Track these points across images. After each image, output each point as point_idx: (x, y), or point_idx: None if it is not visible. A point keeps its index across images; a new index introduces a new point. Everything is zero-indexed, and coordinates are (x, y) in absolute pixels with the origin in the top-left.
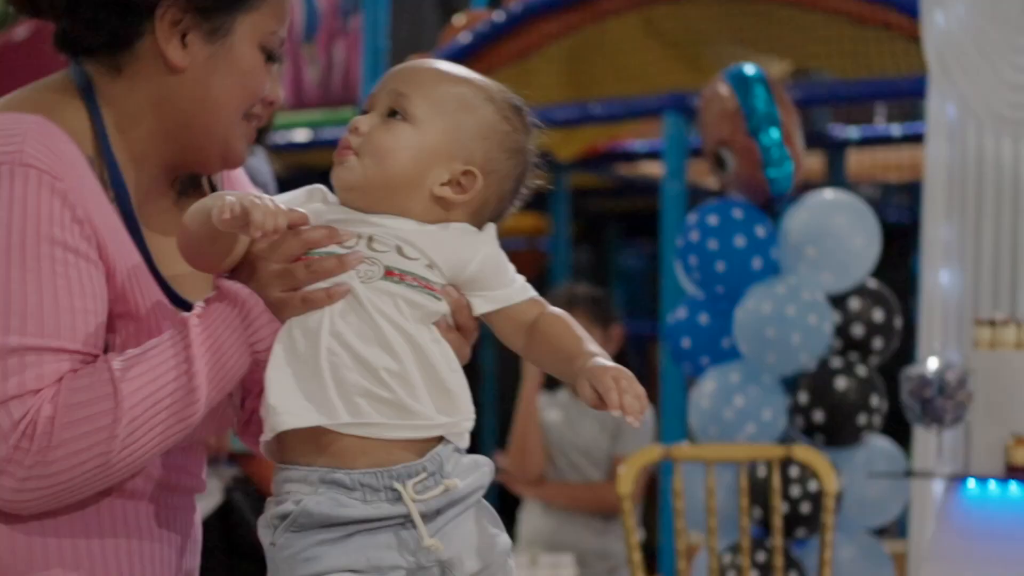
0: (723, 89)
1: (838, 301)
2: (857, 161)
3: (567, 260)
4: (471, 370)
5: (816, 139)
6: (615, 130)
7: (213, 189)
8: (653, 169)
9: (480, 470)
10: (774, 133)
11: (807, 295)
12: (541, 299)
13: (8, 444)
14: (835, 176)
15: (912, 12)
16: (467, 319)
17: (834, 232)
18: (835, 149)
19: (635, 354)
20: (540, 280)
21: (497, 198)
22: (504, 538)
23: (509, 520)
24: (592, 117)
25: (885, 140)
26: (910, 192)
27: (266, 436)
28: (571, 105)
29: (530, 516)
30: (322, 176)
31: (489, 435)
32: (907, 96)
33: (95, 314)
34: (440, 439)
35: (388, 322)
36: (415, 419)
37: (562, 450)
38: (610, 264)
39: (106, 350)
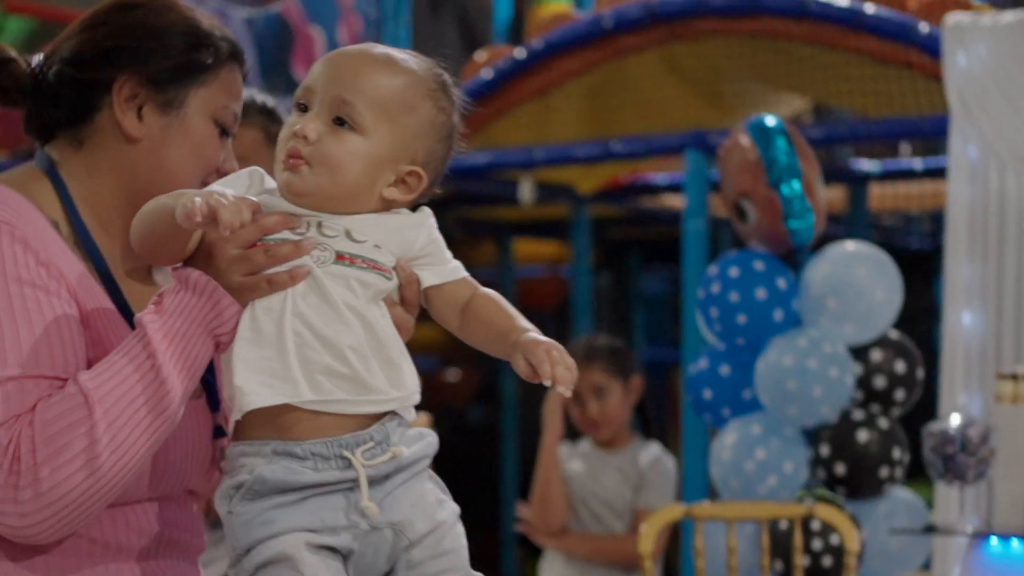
0: (744, 140)
1: (860, 352)
2: (879, 192)
3: (588, 288)
4: (493, 398)
5: (838, 173)
6: (636, 163)
7: None
8: (675, 201)
9: (425, 440)
10: (795, 185)
11: (828, 347)
12: (473, 280)
13: (2, 472)
14: (857, 209)
15: (934, 52)
16: (414, 293)
17: (856, 284)
18: (857, 183)
19: (656, 380)
20: (561, 307)
21: (431, 182)
22: (452, 504)
23: (531, 572)
24: (613, 155)
25: (907, 174)
26: (933, 220)
27: (235, 416)
28: (592, 142)
29: (552, 567)
30: None
31: (511, 485)
32: (928, 136)
33: (71, 343)
34: (387, 414)
35: (344, 302)
36: (372, 394)
37: (584, 501)
38: (631, 290)
39: None
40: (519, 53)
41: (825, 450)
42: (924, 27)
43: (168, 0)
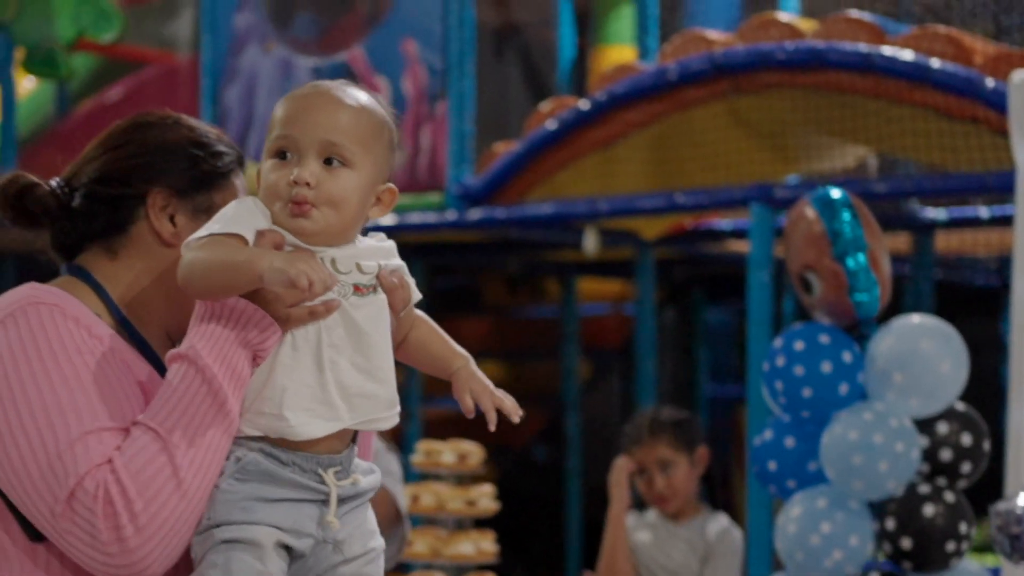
0: (809, 212)
1: (925, 425)
2: (944, 235)
3: (652, 330)
4: (557, 437)
5: (903, 221)
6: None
7: None
8: (739, 246)
9: (376, 474)
10: (861, 258)
11: (894, 421)
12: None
13: (98, 517)
14: (922, 257)
15: (1000, 107)
16: (399, 300)
17: (921, 357)
18: (923, 231)
19: (720, 417)
20: (625, 344)
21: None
22: (380, 538)
23: None
24: (677, 206)
25: (973, 222)
26: (999, 259)
27: (270, 435)
28: (656, 194)
29: None
30: (411, 253)
31: (575, 525)
32: (995, 191)
33: (134, 398)
34: (352, 437)
35: (369, 330)
36: (394, 409)
37: (651, 571)
38: (696, 325)
39: None
40: (583, 104)
41: (891, 524)
42: (990, 82)
43: (175, 116)
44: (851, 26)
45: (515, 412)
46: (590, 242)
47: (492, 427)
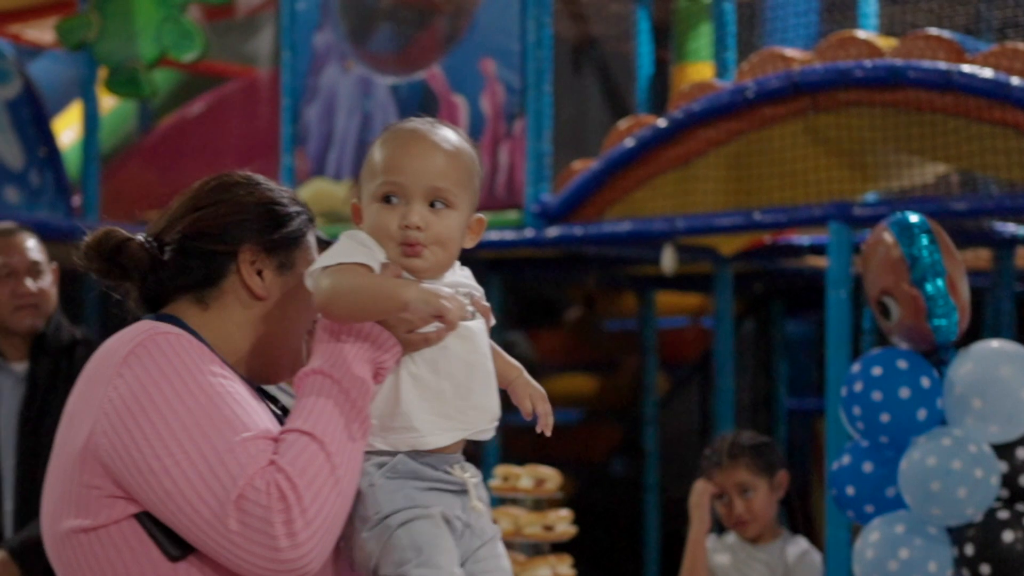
0: (887, 237)
1: (1005, 450)
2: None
3: (730, 345)
4: (635, 451)
5: (983, 238)
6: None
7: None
8: (819, 262)
9: (471, 470)
10: (939, 283)
11: (973, 448)
12: None
13: (272, 512)
14: (1003, 272)
15: None
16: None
17: (1000, 383)
18: (1003, 247)
19: (800, 429)
20: (704, 357)
21: None
22: (495, 525)
23: None
24: (755, 225)
25: None
26: None
27: (401, 449)
28: (734, 212)
29: None
30: (489, 269)
31: (653, 539)
32: None
33: (265, 410)
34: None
35: (480, 351)
36: (495, 422)
37: None
38: (775, 338)
39: None
40: (661, 122)
41: (970, 550)
42: None
43: (255, 178)
44: (930, 43)
45: (546, 427)
46: (668, 260)
47: (548, 432)
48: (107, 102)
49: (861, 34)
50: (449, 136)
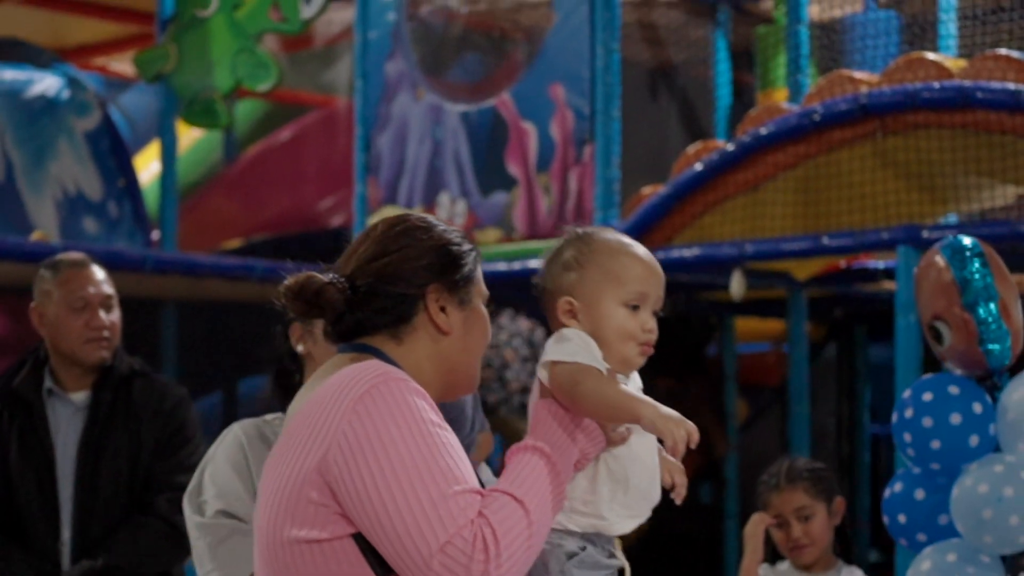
0: (939, 260)
1: None
2: None
3: (804, 372)
4: (716, 477)
5: None
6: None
7: None
8: (894, 286)
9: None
10: (992, 307)
11: None
12: None
13: (473, 562)
14: None
15: None
16: None
17: None
18: None
19: (884, 455)
20: (785, 382)
21: None
22: None
23: None
24: (824, 249)
25: None
26: None
27: (588, 531)
28: (803, 237)
29: None
30: None
31: (732, 566)
32: None
33: (468, 462)
34: None
35: (654, 443)
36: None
37: None
38: (858, 363)
39: None
40: (729, 147)
41: None
42: None
43: (429, 219)
44: (999, 64)
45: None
46: (736, 285)
47: (680, 501)
48: (193, 133)
49: (930, 56)
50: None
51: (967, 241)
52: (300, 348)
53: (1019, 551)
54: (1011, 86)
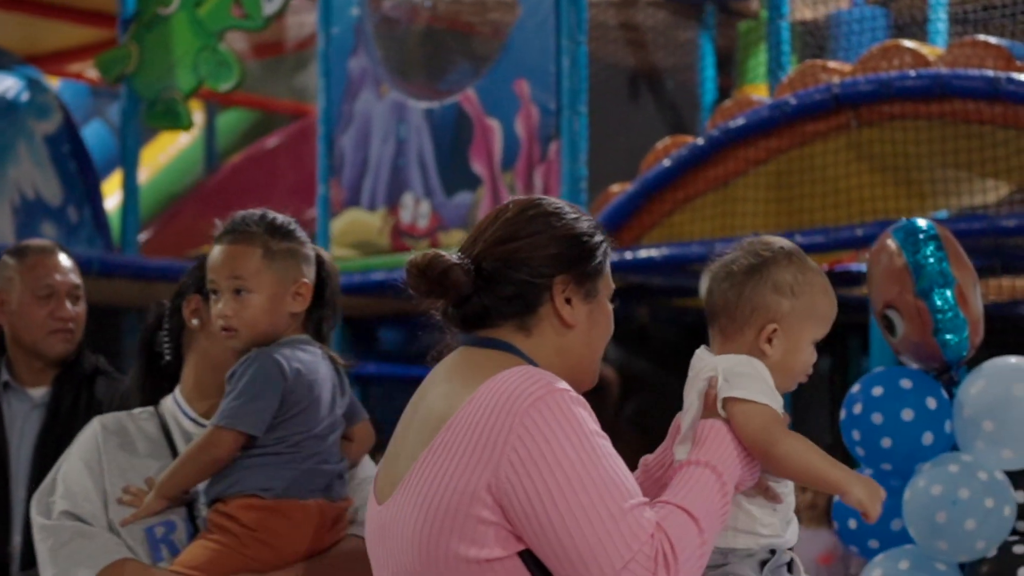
0: (890, 244)
1: (1021, 477)
2: None
3: None
4: None
5: None
6: (828, 255)
7: None
8: None
9: None
10: (947, 294)
11: (983, 475)
12: None
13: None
14: None
15: None
16: None
17: (1015, 403)
18: None
19: None
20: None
21: None
22: None
23: None
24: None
25: None
26: None
27: (766, 548)
28: (773, 234)
29: None
30: None
31: None
32: None
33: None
34: None
35: None
36: None
37: None
38: (852, 373)
39: None
40: (699, 141)
41: None
42: None
43: (565, 207)
44: (977, 50)
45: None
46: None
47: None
48: (179, 144)
49: (907, 43)
50: None
51: (922, 223)
52: (195, 322)
53: (978, 558)
54: (989, 73)
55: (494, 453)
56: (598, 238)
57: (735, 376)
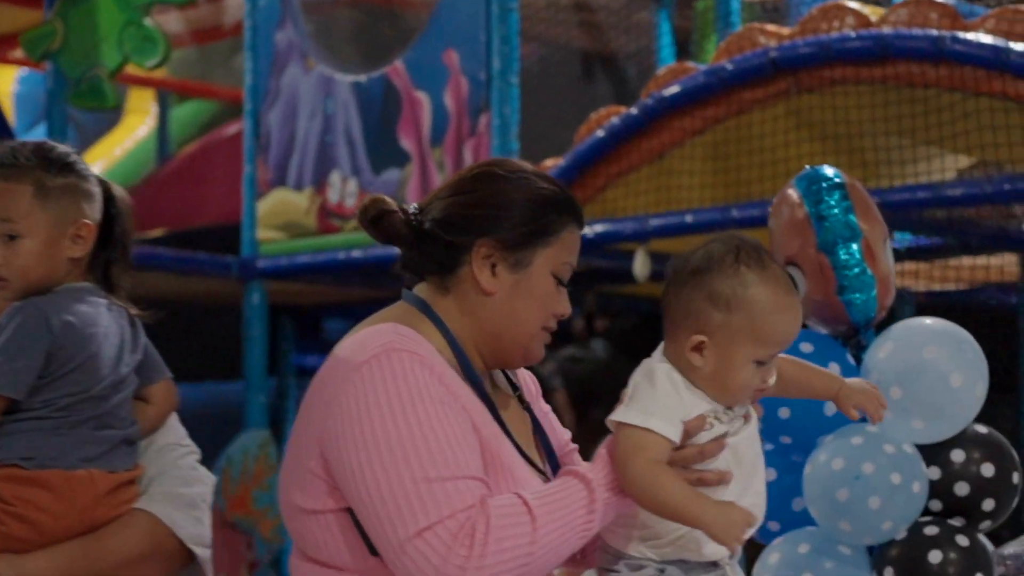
0: (792, 194)
1: (935, 452)
2: None
3: None
4: None
5: (1010, 241)
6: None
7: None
8: None
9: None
10: (853, 248)
11: (889, 448)
12: None
13: (454, 552)
14: None
15: None
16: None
17: (928, 368)
18: None
19: None
20: None
21: None
22: None
23: None
24: (735, 222)
25: None
26: None
27: (675, 557)
28: (710, 209)
29: None
30: None
31: None
32: None
33: (474, 448)
34: None
35: (753, 455)
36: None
37: None
38: None
39: None
40: (632, 111)
41: (890, 574)
42: None
43: (527, 171)
44: (921, 9)
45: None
46: (640, 266)
47: (880, 419)
48: (137, 136)
49: (850, 3)
50: None
51: (828, 171)
52: None
53: (886, 541)
54: (933, 32)
55: (326, 408)
56: (544, 209)
57: (631, 388)
